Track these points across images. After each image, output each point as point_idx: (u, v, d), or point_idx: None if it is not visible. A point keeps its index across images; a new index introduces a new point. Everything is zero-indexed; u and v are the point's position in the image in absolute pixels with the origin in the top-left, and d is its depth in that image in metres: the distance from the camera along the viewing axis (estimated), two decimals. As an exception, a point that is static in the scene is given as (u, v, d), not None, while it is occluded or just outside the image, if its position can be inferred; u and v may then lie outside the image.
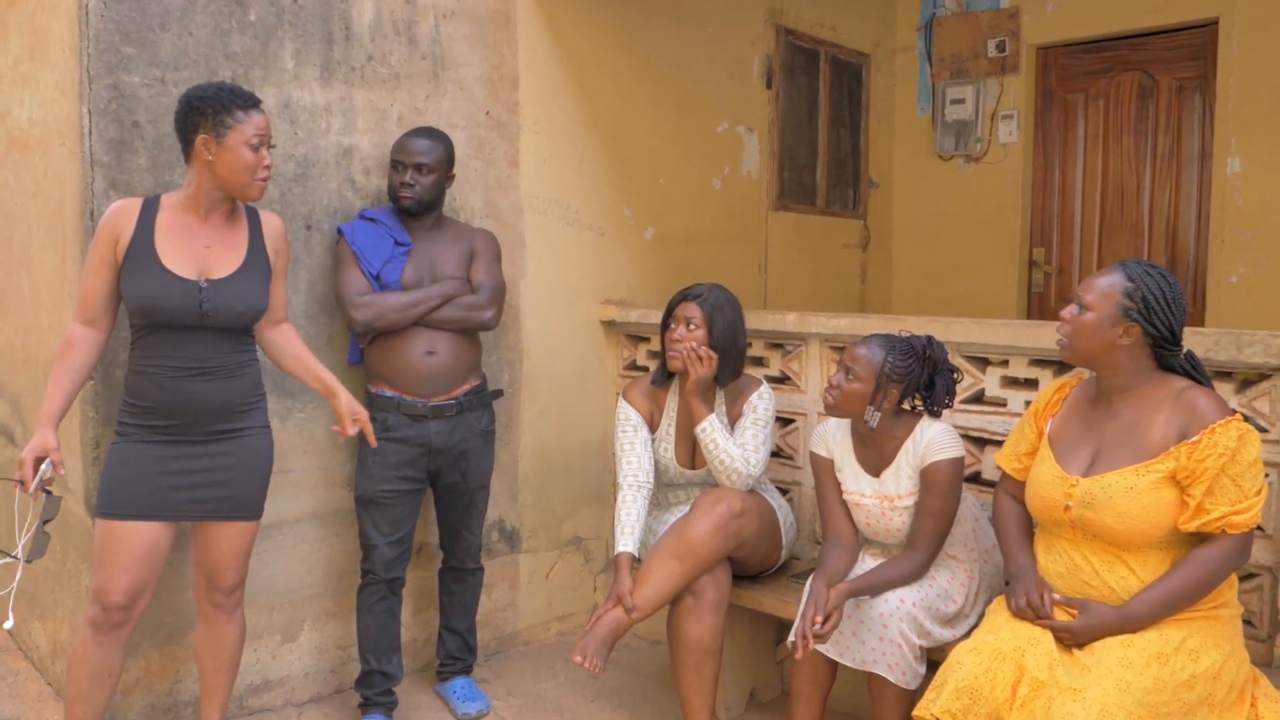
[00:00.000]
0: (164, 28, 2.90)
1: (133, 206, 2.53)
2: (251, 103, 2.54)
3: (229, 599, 2.73)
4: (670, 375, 3.24)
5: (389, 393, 3.13)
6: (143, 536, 2.53)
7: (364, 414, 2.79)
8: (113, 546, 2.52)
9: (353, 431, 2.77)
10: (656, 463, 3.24)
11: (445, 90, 3.55)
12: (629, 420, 3.20)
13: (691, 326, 3.08)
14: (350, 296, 3.08)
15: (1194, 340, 2.55)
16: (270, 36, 3.12)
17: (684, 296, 3.16)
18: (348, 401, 2.77)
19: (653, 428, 3.25)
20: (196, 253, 2.55)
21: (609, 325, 4.12)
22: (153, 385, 2.53)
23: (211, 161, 2.50)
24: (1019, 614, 2.32)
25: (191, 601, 2.91)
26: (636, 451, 3.16)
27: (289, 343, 2.81)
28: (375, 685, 3.18)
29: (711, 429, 3.04)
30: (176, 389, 2.53)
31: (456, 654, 3.41)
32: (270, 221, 2.72)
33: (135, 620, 2.60)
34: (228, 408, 2.61)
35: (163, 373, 2.53)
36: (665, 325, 3.17)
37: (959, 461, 2.73)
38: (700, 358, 3.04)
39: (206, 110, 2.48)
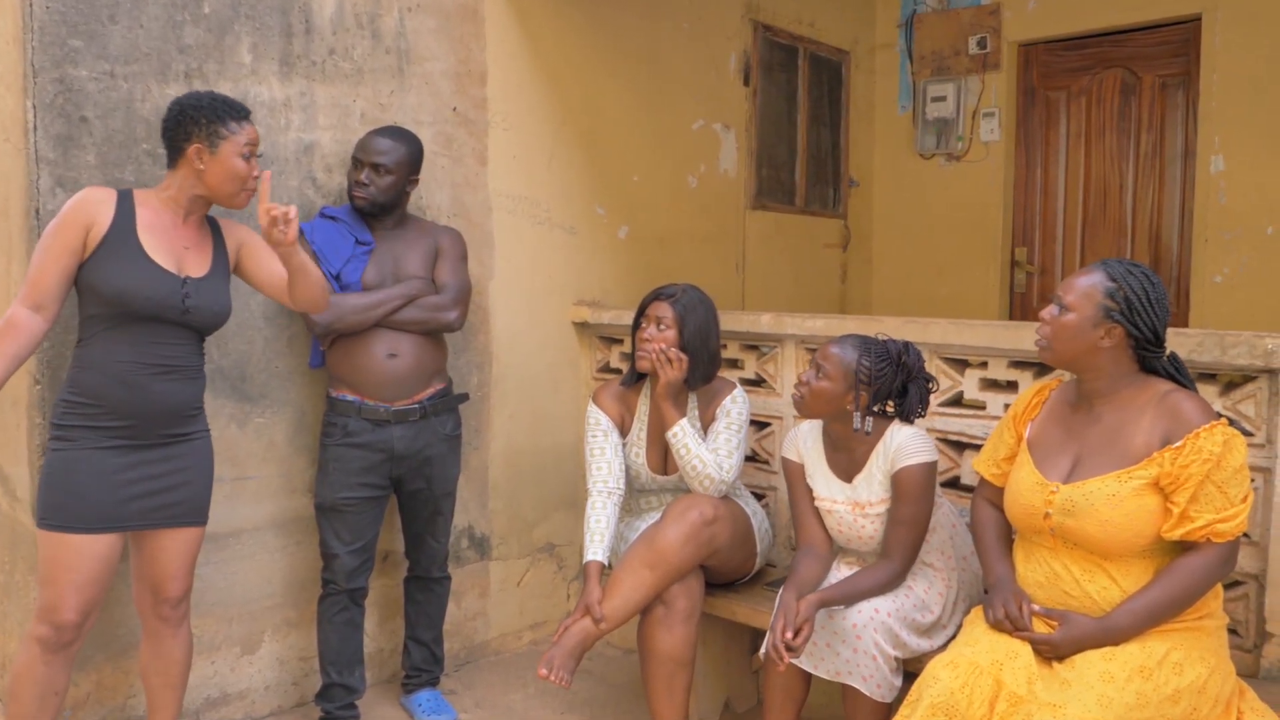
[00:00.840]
0: (113, 20, 2.80)
1: (106, 195, 2.47)
2: (244, 114, 2.54)
3: (175, 611, 2.63)
4: (641, 377, 3.15)
5: (350, 396, 3.03)
6: (98, 550, 2.44)
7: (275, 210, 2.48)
8: (64, 561, 2.42)
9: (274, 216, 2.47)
10: (627, 468, 3.16)
11: (410, 86, 3.46)
12: (599, 425, 3.11)
13: (662, 327, 3.00)
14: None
15: (1177, 341, 2.47)
16: (226, 29, 3.01)
17: (656, 295, 3.08)
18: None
19: (624, 432, 3.16)
20: (177, 251, 2.51)
21: (581, 327, 4.03)
22: (112, 382, 2.44)
23: (202, 170, 2.48)
24: (997, 626, 2.24)
25: (140, 614, 2.82)
26: (606, 457, 3.07)
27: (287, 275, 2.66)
28: (337, 699, 3.08)
29: (683, 434, 2.95)
30: (140, 386, 2.45)
31: (422, 665, 3.31)
32: (227, 226, 2.69)
33: (84, 636, 2.51)
34: (180, 410, 2.54)
35: (126, 369, 2.44)
36: (636, 325, 3.09)
37: (930, 466, 2.64)
38: (669, 360, 2.96)
39: (200, 119, 2.47)
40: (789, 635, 2.43)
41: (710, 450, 2.98)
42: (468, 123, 3.63)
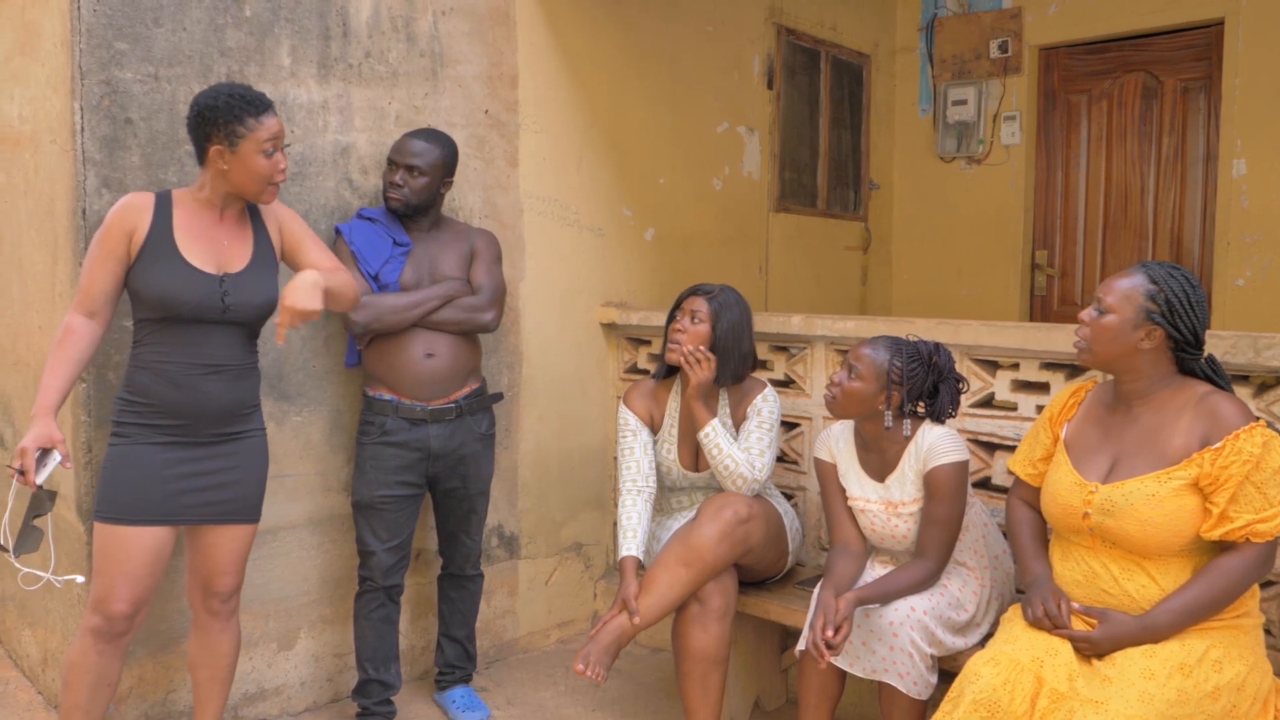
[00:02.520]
0: (157, 23, 2.84)
1: (146, 201, 2.49)
2: (262, 107, 2.50)
3: (225, 605, 2.67)
4: (671, 371, 3.20)
5: (387, 395, 3.07)
6: (148, 542, 2.48)
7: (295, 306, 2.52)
8: (117, 554, 2.46)
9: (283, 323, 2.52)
10: (659, 465, 3.19)
11: (444, 88, 3.49)
12: (628, 425, 3.15)
13: (696, 320, 3.06)
14: None
15: (1211, 343, 2.50)
16: (266, 32, 3.05)
17: (694, 291, 3.15)
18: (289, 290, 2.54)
19: (654, 429, 3.20)
20: (216, 249, 2.53)
21: (609, 328, 4.06)
22: (163, 382, 2.48)
23: (226, 170, 2.48)
24: (1036, 624, 2.27)
25: (186, 609, 2.85)
26: (636, 455, 3.11)
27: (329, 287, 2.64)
28: (373, 695, 3.12)
29: (715, 434, 2.98)
30: (190, 386, 2.49)
31: (456, 662, 3.34)
32: (265, 210, 2.67)
33: (137, 628, 2.55)
34: (234, 409, 2.57)
35: (177, 370, 2.48)
36: (671, 318, 3.14)
37: (962, 466, 2.67)
38: (699, 359, 2.99)
39: (218, 120, 2.45)
40: (829, 633, 2.45)
41: (743, 449, 3.01)
42: (499, 125, 3.66)
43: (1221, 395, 2.21)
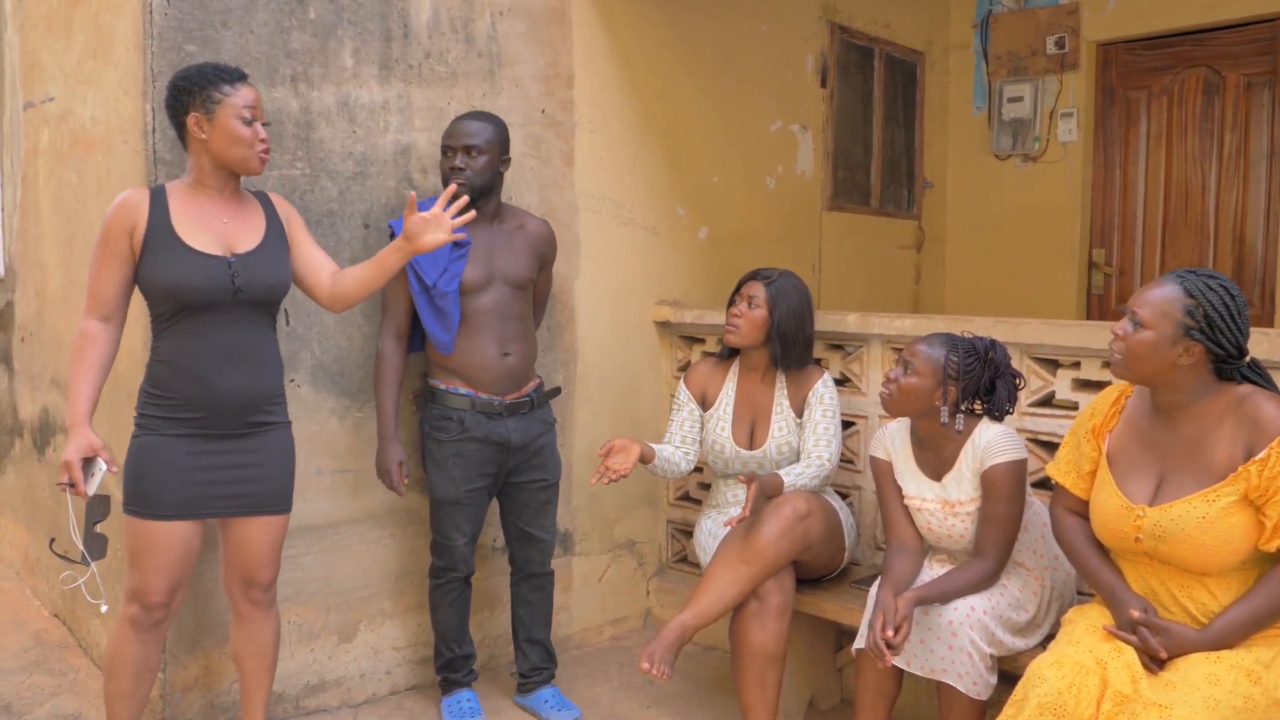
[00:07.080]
0: (226, 26, 2.90)
1: (141, 196, 2.48)
2: (237, 76, 2.50)
3: (266, 595, 2.69)
4: (732, 353, 3.31)
5: (463, 390, 3.09)
6: (176, 535, 2.50)
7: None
8: (147, 546, 2.49)
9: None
10: (712, 444, 3.27)
11: (501, 88, 3.53)
12: (678, 398, 3.38)
13: (754, 305, 3.14)
14: (381, 336, 3.13)
15: (1268, 340, 2.46)
16: (330, 34, 3.10)
17: (753, 276, 3.22)
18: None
19: (707, 405, 3.30)
20: (217, 230, 2.51)
21: (663, 326, 4.07)
22: (182, 376, 2.48)
23: (206, 140, 2.47)
24: (1125, 633, 2.21)
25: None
26: (681, 416, 3.32)
27: (350, 273, 2.70)
28: (459, 668, 3.24)
29: (793, 482, 3.01)
30: (206, 380, 2.48)
31: (541, 664, 3.35)
32: (276, 199, 2.70)
33: (174, 614, 2.60)
34: (256, 400, 2.56)
35: (194, 362, 2.48)
36: (731, 301, 3.23)
37: (1020, 464, 2.65)
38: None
39: (193, 90, 2.45)
40: (889, 633, 2.45)
41: (811, 444, 3.11)
42: (555, 124, 3.69)
43: (1261, 396, 2.15)
